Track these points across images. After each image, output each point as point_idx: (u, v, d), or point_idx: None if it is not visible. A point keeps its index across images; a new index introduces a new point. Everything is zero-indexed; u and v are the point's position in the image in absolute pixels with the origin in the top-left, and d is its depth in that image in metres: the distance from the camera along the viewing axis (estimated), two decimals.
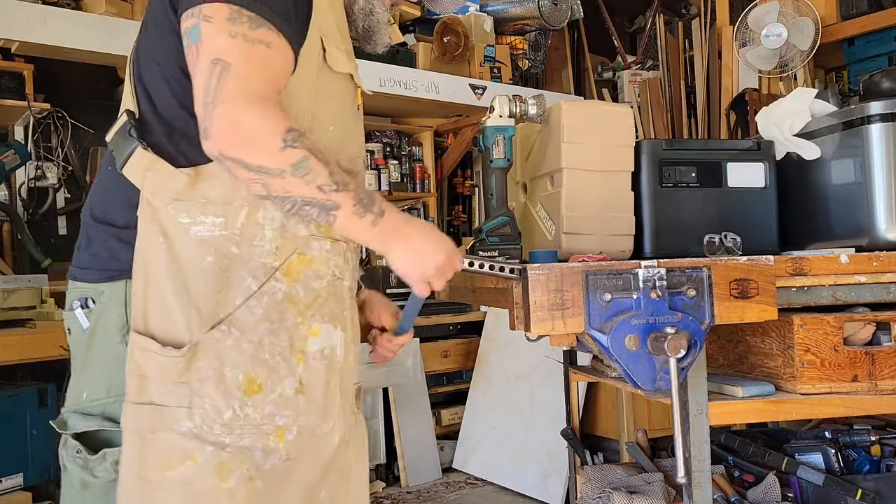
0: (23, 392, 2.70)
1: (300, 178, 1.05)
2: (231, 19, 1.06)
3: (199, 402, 1.08)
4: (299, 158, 1.05)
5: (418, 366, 3.65)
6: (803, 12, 3.80)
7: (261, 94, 1.05)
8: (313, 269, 1.17)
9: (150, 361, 1.08)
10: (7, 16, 2.72)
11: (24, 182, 3.27)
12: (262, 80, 1.07)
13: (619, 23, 5.51)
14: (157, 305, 1.10)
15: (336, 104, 1.24)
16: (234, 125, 1.03)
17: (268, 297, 1.12)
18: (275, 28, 1.09)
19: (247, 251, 1.12)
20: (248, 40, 1.07)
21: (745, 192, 1.69)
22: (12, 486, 2.58)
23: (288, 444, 1.13)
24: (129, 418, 1.08)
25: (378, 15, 1.33)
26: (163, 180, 1.11)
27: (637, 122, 4.73)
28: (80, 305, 1.17)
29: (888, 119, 1.57)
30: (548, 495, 3.31)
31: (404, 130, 4.42)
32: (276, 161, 1.04)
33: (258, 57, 1.07)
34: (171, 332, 1.09)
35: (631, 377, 1.24)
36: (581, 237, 1.56)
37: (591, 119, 1.57)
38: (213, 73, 1.04)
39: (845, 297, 1.48)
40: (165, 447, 1.07)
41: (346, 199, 1.09)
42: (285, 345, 1.13)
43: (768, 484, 1.79)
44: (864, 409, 1.50)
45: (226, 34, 1.06)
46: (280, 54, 1.11)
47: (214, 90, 1.03)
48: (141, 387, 1.08)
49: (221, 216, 1.11)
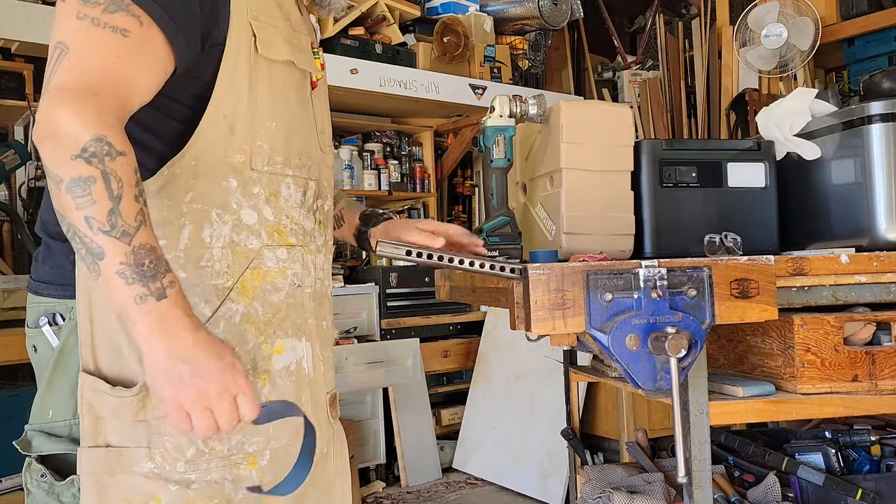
0: (23, 392, 2.70)
1: (72, 197, 0.87)
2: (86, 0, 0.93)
3: (159, 440, 1.00)
4: (83, 175, 0.86)
5: (418, 366, 3.65)
6: (803, 12, 3.80)
7: (89, 87, 0.90)
8: (270, 282, 1.08)
9: (102, 402, 1.00)
10: (7, 16, 2.72)
11: (24, 182, 3.27)
12: (100, 73, 0.92)
13: (619, 23, 5.51)
14: (104, 340, 1.01)
15: (276, 96, 1.10)
16: (47, 115, 0.88)
17: (224, 321, 1.03)
18: (141, 13, 0.94)
19: (194, 274, 1.01)
20: (97, 24, 0.92)
21: (745, 192, 1.69)
22: (12, 486, 2.59)
23: (262, 470, 1.06)
24: (84, 462, 1.00)
25: None
26: None
27: (637, 122, 4.73)
28: (49, 322, 1.09)
29: (888, 119, 1.57)
30: (548, 495, 3.31)
31: (404, 130, 4.42)
32: (60, 168, 0.87)
33: (104, 44, 0.92)
34: (122, 369, 1.01)
35: (631, 377, 1.24)
36: (581, 237, 1.56)
37: (591, 119, 1.57)
38: (52, 58, 0.92)
39: (845, 297, 1.47)
40: (126, 490, 1.00)
41: (115, 251, 0.87)
42: (248, 369, 1.04)
43: (768, 484, 1.79)
44: (864, 409, 1.50)
45: (73, 15, 0.92)
46: (139, 45, 0.94)
47: (49, 76, 0.92)
48: (96, 428, 1.00)
49: (162, 238, 0.99)
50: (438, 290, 1.91)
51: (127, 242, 0.87)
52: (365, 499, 3.42)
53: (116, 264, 0.87)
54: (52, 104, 0.89)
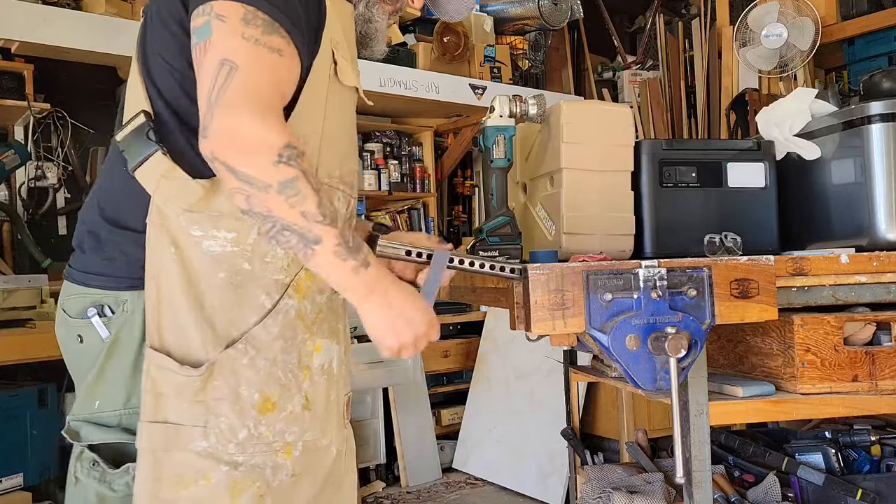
0: (23, 392, 2.70)
1: (285, 198, 0.99)
2: (245, 20, 1.02)
3: (215, 421, 1.07)
4: (290, 177, 0.98)
5: (418, 366, 3.65)
6: (803, 12, 3.80)
7: (266, 102, 1.01)
8: (317, 285, 1.16)
9: (167, 379, 1.06)
10: (7, 16, 2.72)
11: (24, 182, 3.27)
12: (269, 88, 1.03)
13: (619, 23, 5.51)
14: (171, 320, 1.07)
15: (343, 118, 1.22)
16: (233, 128, 0.98)
17: (282, 314, 1.11)
18: (288, 36, 1.05)
19: (259, 268, 1.10)
20: (260, 44, 1.02)
21: (745, 192, 1.69)
22: (12, 486, 2.59)
23: (294, 460, 1.13)
24: (144, 437, 1.06)
25: (377, 23, 1.30)
26: (177, 189, 1.07)
27: (637, 122, 4.73)
28: (97, 313, 1.13)
29: (888, 119, 1.57)
30: (548, 495, 3.31)
31: (404, 130, 4.42)
32: (265, 174, 0.98)
33: (268, 63, 1.03)
34: (186, 349, 1.07)
35: (631, 377, 1.24)
36: (581, 237, 1.56)
37: (591, 119, 1.57)
38: (220, 73, 1.00)
39: (845, 297, 1.47)
40: (180, 466, 1.06)
41: (330, 235, 1.02)
42: (295, 362, 1.13)
43: (768, 484, 1.79)
44: (864, 409, 1.50)
45: (238, 35, 1.02)
46: (289, 63, 1.07)
47: (220, 90, 0.99)
48: (156, 405, 1.06)
49: (234, 231, 1.08)
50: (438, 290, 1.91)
51: (336, 226, 1.02)
52: (365, 499, 3.42)
53: (333, 246, 1.02)
54: (236, 117, 0.98)
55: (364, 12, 1.29)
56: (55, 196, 3.36)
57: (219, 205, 1.08)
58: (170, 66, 1.13)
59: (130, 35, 2.95)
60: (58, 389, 2.77)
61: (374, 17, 1.29)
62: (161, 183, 1.08)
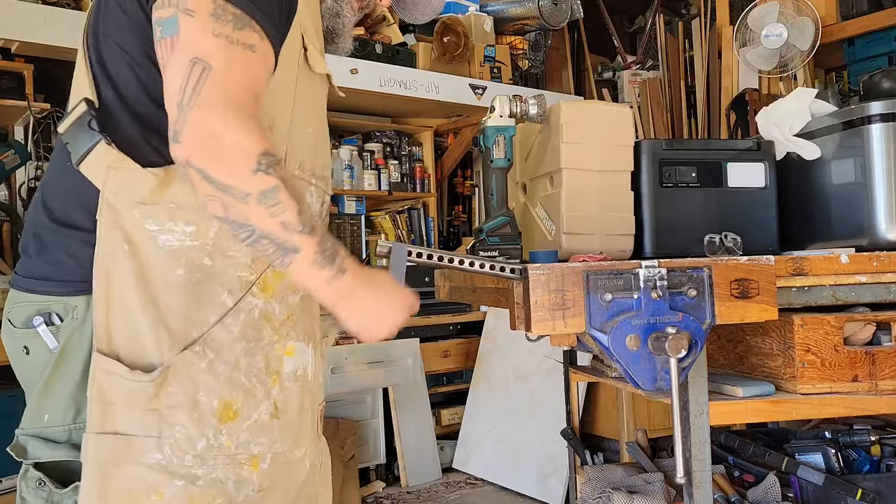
0: (22, 392, 2.69)
1: (265, 207, 0.94)
2: (215, 16, 0.97)
3: (170, 430, 0.99)
4: (270, 187, 0.94)
5: (418, 366, 3.65)
6: (803, 12, 3.80)
7: (241, 105, 0.96)
8: (289, 283, 1.09)
9: (116, 386, 0.98)
10: (7, 16, 2.72)
11: (24, 182, 3.26)
12: (244, 88, 0.97)
13: (619, 23, 5.51)
14: (122, 322, 1.00)
15: (313, 106, 1.16)
16: (208, 134, 0.92)
17: (244, 314, 1.04)
18: (260, 29, 1.00)
19: (220, 263, 1.03)
20: (232, 42, 0.97)
21: (745, 192, 1.69)
22: (12, 486, 2.58)
23: (262, 474, 1.05)
24: (90, 449, 0.98)
25: (345, 18, 1.26)
26: (127, 180, 1.00)
27: (637, 122, 4.73)
28: (45, 322, 1.05)
29: (888, 119, 1.57)
30: (548, 495, 3.31)
31: (404, 130, 4.42)
32: (244, 183, 0.93)
33: (241, 61, 0.98)
34: (139, 353, 1.00)
35: (631, 377, 1.24)
36: (581, 237, 1.56)
37: (591, 119, 1.57)
38: (191, 74, 0.94)
39: (845, 297, 1.47)
40: (130, 481, 0.98)
41: (309, 245, 0.98)
42: (261, 366, 1.06)
43: (768, 484, 1.79)
44: (864, 409, 1.50)
45: (208, 32, 0.96)
46: (262, 58, 1.01)
47: (192, 92, 0.93)
48: (104, 414, 0.98)
49: (192, 224, 1.01)
50: (438, 290, 1.91)
51: (315, 235, 0.99)
52: (365, 499, 3.42)
53: (312, 254, 0.98)
54: (211, 121, 0.93)
55: (332, 6, 1.24)
56: None
57: (174, 195, 1.01)
58: (124, 52, 1.06)
59: None
60: None
61: (343, 11, 1.26)
62: (109, 175, 1.01)
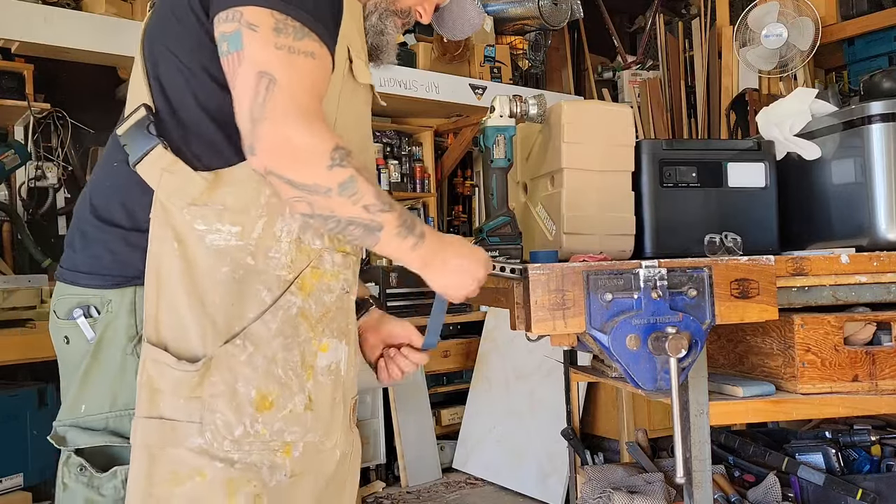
0: (23, 392, 2.70)
1: (347, 197, 1.03)
2: (277, 30, 1.03)
3: (211, 417, 1.06)
4: (346, 177, 1.03)
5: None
6: (803, 12, 3.80)
7: (308, 110, 1.03)
8: (325, 283, 1.16)
9: (163, 374, 1.05)
10: (7, 16, 2.72)
11: (24, 182, 3.27)
12: (308, 94, 1.05)
13: (619, 23, 5.51)
14: (170, 315, 1.07)
15: (356, 114, 1.22)
16: (282, 143, 1.01)
17: (283, 311, 1.11)
18: (318, 37, 1.07)
19: (262, 263, 1.10)
20: (294, 52, 1.04)
21: (745, 192, 1.69)
22: (12, 486, 2.58)
23: (294, 461, 1.12)
24: (138, 433, 1.05)
25: (388, 35, 1.30)
26: (180, 183, 1.07)
27: (637, 122, 4.73)
28: (83, 314, 1.12)
29: (888, 119, 1.57)
30: (548, 495, 3.31)
31: (404, 130, 4.42)
32: (323, 180, 1.02)
33: (304, 70, 1.05)
34: (184, 344, 1.07)
35: (631, 377, 1.24)
36: (581, 237, 1.56)
37: (591, 119, 1.57)
38: (259, 87, 1.01)
39: (846, 297, 1.48)
40: (174, 463, 1.05)
41: (391, 220, 1.08)
42: (297, 360, 1.12)
43: (769, 484, 1.79)
44: (864, 409, 1.50)
45: (271, 45, 1.03)
46: (322, 64, 1.09)
47: (262, 105, 1.01)
48: (152, 400, 1.05)
49: (238, 225, 1.09)
50: None
51: (394, 210, 1.08)
52: (365, 499, 3.42)
53: (395, 228, 1.09)
54: (284, 130, 1.01)
55: (377, 24, 1.28)
56: (55, 196, 3.36)
57: (222, 198, 1.08)
58: (179, 61, 1.12)
59: (130, 35, 2.97)
60: (57, 389, 2.75)
61: (387, 29, 1.29)
62: (163, 177, 1.08)
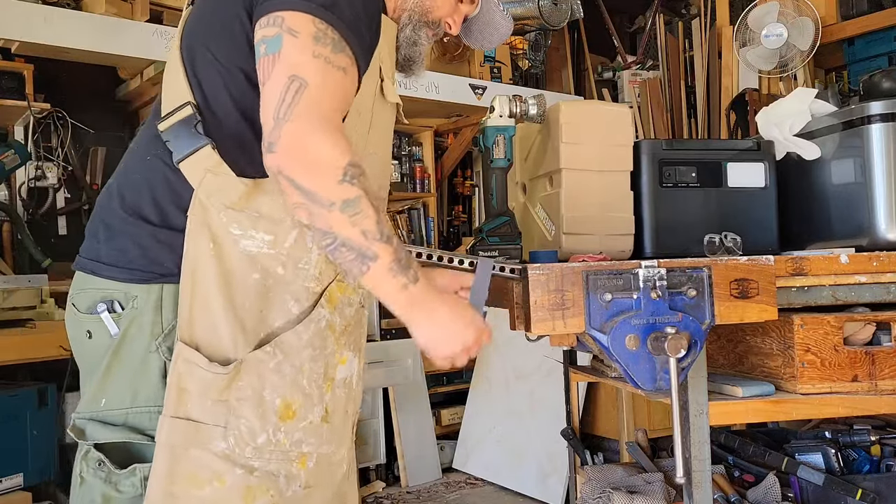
0: (23, 392, 2.70)
1: (348, 216, 1.01)
2: (316, 38, 1.04)
3: (236, 422, 1.07)
4: (353, 196, 1.01)
5: (418, 366, 3.65)
6: (803, 12, 3.80)
7: (332, 120, 1.03)
8: (347, 297, 1.18)
9: (193, 375, 1.05)
10: (7, 16, 2.72)
11: (24, 182, 3.26)
12: (335, 106, 1.05)
13: (619, 23, 5.50)
14: (203, 316, 1.07)
15: (382, 131, 1.24)
16: (302, 146, 1.00)
17: (314, 324, 1.12)
18: (352, 54, 1.08)
19: (291, 273, 1.11)
20: (329, 63, 1.05)
21: (745, 192, 1.69)
22: (12, 486, 2.58)
23: (308, 472, 1.13)
24: (164, 431, 1.06)
25: (421, 46, 1.31)
26: (221, 185, 1.08)
27: (637, 122, 4.73)
28: (107, 309, 1.11)
29: (888, 119, 1.57)
30: (548, 495, 3.31)
31: (404, 130, 4.42)
32: (330, 192, 1.00)
33: (334, 81, 1.05)
34: (217, 346, 1.07)
35: (631, 377, 1.24)
36: (581, 237, 1.56)
37: (591, 119, 1.57)
38: (289, 89, 1.01)
39: (845, 297, 1.48)
40: (196, 465, 1.06)
41: (386, 253, 1.04)
42: (321, 372, 1.14)
43: (768, 484, 1.79)
44: (864, 409, 1.50)
45: (309, 52, 1.04)
46: (351, 81, 1.09)
47: (288, 106, 1.01)
48: (179, 400, 1.06)
49: (271, 234, 1.09)
50: None
51: (392, 244, 1.04)
52: (365, 499, 3.42)
53: (388, 263, 1.04)
54: (303, 134, 1.00)
55: (411, 35, 1.29)
56: (55, 196, 3.36)
57: (259, 205, 1.09)
58: (218, 62, 1.13)
59: (130, 35, 2.97)
60: (58, 389, 2.77)
61: (420, 40, 1.30)
62: (206, 177, 1.08)
